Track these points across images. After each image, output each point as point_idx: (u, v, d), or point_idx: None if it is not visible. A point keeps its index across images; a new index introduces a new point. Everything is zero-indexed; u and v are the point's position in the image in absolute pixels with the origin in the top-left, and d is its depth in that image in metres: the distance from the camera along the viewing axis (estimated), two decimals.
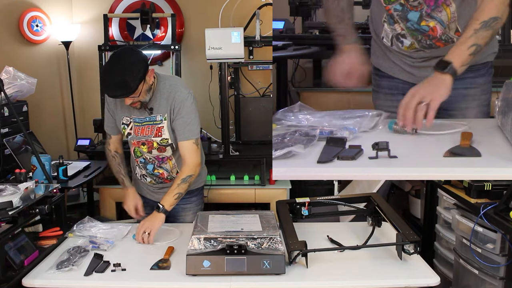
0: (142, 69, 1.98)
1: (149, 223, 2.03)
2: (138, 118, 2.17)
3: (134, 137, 2.20)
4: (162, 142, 2.16)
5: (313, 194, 3.14)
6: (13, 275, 1.68)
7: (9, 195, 1.82)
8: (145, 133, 2.17)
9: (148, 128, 2.16)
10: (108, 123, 2.30)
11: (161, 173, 2.27)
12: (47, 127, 3.80)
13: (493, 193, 2.18)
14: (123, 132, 2.23)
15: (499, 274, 2.07)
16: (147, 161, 2.26)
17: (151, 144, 2.18)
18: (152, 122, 2.16)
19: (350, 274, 1.73)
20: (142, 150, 2.22)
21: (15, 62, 3.23)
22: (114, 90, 2.00)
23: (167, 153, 2.21)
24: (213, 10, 3.41)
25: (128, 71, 1.96)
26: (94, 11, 4.02)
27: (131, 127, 2.19)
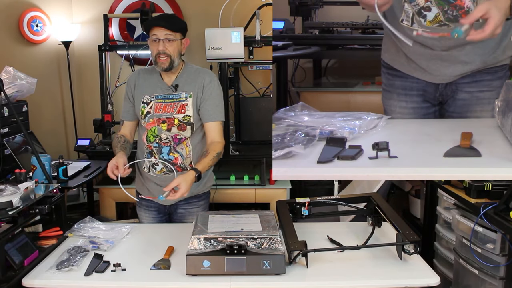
0: (185, 25, 2.20)
1: (182, 178, 1.98)
2: (161, 95, 2.21)
3: (154, 115, 2.21)
4: (184, 119, 2.19)
5: (313, 194, 3.14)
6: (13, 275, 1.68)
7: (9, 195, 1.82)
8: (167, 110, 2.20)
9: (171, 105, 2.20)
10: (125, 109, 2.33)
11: (175, 158, 2.23)
12: (47, 127, 3.80)
13: (493, 193, 2.19)
14: (141, 112, 2.23)
15: (499, 274, 2.07)
16: (161, 144, 2.23)
17: (172, 121, 2.19)
18: (175, 100, 2.20)
19: (350, 274, 1.73)
20: (161, 128, 2.20)
21: (15, 62, 3.22)
22: (159, 19, 2.17)
23: (187, 133, 2.21)
24: (213, 10, 3.40)
25: (176, 16, 2.31)
26: (94, 11, 4.02)
27: (152, 105, 2.22)
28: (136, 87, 2.27)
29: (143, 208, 2.39)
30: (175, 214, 2.34)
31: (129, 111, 2.32)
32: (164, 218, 2.36)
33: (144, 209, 2.38)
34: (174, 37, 2.13)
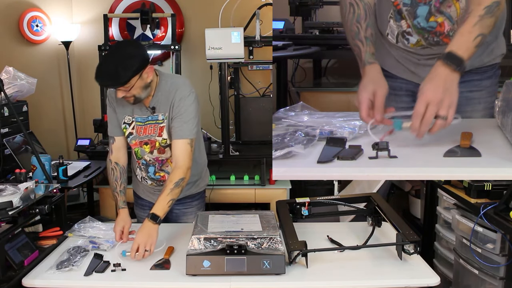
0: (138, 64, 1.92)
1: (147, 238, 1.84)
2: (140, 117, 2.12)
3: (136, 137, 2.15)
4: (162, 142, 2.12)
5: (313, 194, 3.14)
6: (13, 275, 1.68)
7: (9, 195, 1.82)
8: (148, 132, 2.12)
9: (151, 127, 2.11)
10: (111, 123, 2.20)
11: (162, 176, 2.21)
12: (47, 127, 3.80)
13: (493, 193, 2.18)
14: (124, 132, 2.17)
15: (499, 274, 2.07)
16: (148, 163, 2.20)
17: (154, 143, 2.13)
18: (154, 121, 2.11)
19: (350, 274, 1.73)
20: (144, 150, 2.16)
21: (15, 62, 3.23)
22: (103, 78, 1.95)
23: (166, 154, 2.16)
24: (213, 10, 3.41)
25: (122, 62, 1.90)
26: (94, 11, 4.02)
27: (133, 126, 2.15)
28: (117, 104, 2.16)
29: (139, 207, 2.40)
30: (170, 214, 2.33)
31: (117, 126, 2.17)
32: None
33: (140, 208, 2.38)
34: (127, 88, 1.94)
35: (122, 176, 2.17)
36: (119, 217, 2.06)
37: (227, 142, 3.19)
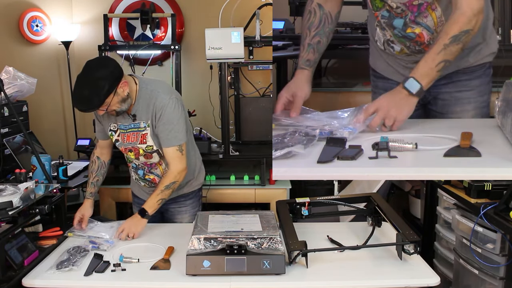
0: (108, 85, 1.94)
1: (134, 227, 2.06)
2: (123, 125, 2.15)
3: (122, 144, 2.19)
4: (147, 149, 2.15)
5: (313, 194, 3.14)
6: (13, 275, 1.68)
7: (9, 195, 1.82)
8: (131, 140, 2.15)
9: (134, 135, 2.15)
10: (97, 129, 2.30)
11: (152, 179, 2.25)
12: (47, 127, 3.80)
13: (493, 193, 2.19)
14: (111, 138, 2.23)
15: (499, 274, 2.07)
16: (137, 167, 2.26)
17: (137, 151, 2.17)
18: (136, 129, 2.14)
19: (350, 274, 1.73)
20: (129, 156, 2.22)
21: (15, 62, 3.23)
22: (78, 104, 1.99)
23: (154, 159, 2.19)
24: (213, 10, 3.40)
25: (92, 87, 1.94)
26: (94, 11, 4.02)
27: (118, 133, 2.18)
28: (101, 115, 2.16)
29: (136, 206, 2.44)
30: (166, 212, 2.38)
31: (101, 132, 2.28)
32: (157, 217, 2.35)
33: (137, 206, 2.39)
34: (103, 108, 2.00)
35: (99, 169, 2.30)
36: (82, 206, 2.21)
37: (227, 142, 3.19)
